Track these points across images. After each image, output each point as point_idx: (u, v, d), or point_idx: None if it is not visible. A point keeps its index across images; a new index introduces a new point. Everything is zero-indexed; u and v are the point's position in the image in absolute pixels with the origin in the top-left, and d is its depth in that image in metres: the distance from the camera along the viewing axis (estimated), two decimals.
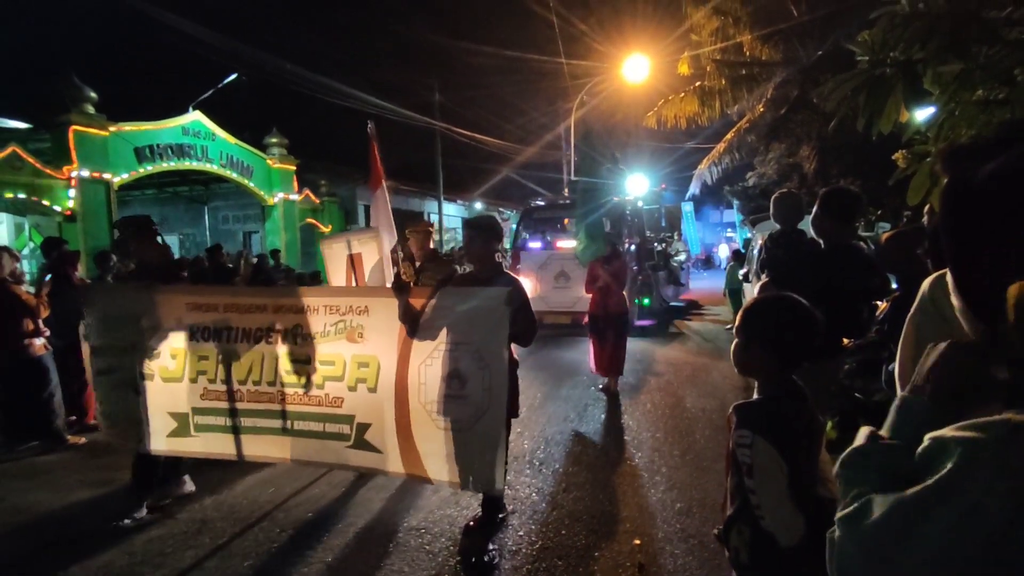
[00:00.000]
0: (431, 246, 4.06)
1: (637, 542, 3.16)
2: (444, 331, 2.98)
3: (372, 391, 3.12)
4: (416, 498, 3.81)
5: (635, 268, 10.38)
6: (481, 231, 3.31)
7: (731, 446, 1.64)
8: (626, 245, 10.47)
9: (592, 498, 3.75)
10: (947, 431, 0.65)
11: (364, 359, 3.15)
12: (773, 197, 3.66)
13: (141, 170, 11.59)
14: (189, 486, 3.87)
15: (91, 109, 10.43)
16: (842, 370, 3.43)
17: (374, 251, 4.65)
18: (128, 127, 11.24)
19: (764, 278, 3.36)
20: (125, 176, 11.23)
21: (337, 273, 4.56)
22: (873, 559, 0.67)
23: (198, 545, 3.27)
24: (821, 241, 3.13)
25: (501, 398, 2.87)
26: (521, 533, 3.32)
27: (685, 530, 3.27)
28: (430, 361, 3.01)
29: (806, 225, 3.37)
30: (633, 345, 8.34)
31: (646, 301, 10.83)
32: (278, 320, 3.30)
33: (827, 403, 3.13)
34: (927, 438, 0.67)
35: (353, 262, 4.57)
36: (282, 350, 3.29)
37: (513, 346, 3.06)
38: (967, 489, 0.61)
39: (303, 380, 3.25)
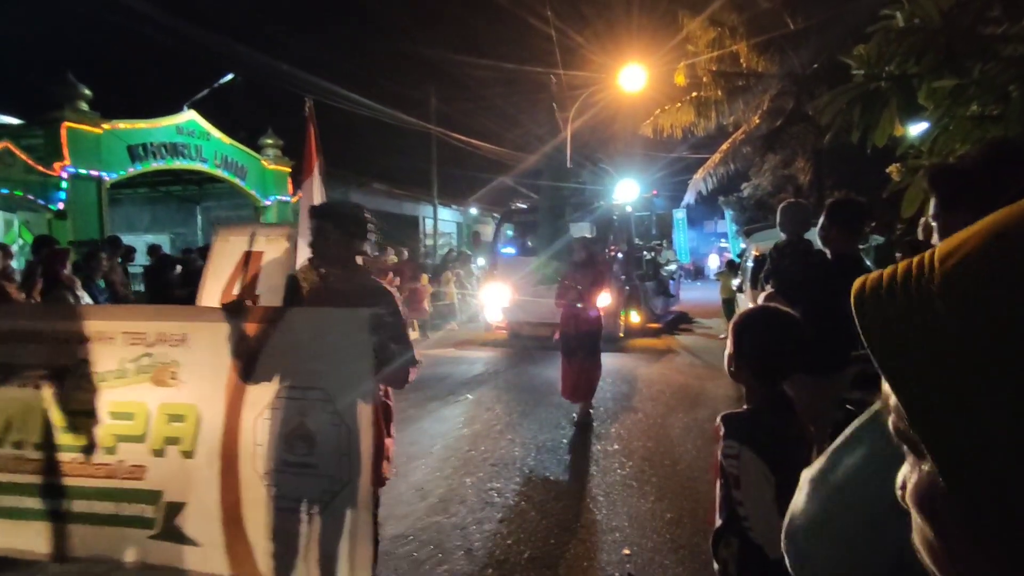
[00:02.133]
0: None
1: (627, 552, 3.13)
2: (286, 370, 2.16)
3: (188, 455, 2.21)
4: (402, 505, 3.76)
5: (622, 278, 10.01)
6: (335, 221, 2.36)
7: (719, 457, 1.63)
8: (612, 253, 10.11)
9: (582, 507, 3.72)
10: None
11: (178, 410, 2.26)
12: (781, 206, 3.62)
13: (134, 169, 11.51)
14: None
15: (85, 106, 10.36)
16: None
17: (281, 252, 3.37)
18: (122, 125, 11.16)
19: (768, 289, 3.25)
20: (118, 174, 11.15)
21: (219, 272, 3.33)
22: None
23: None
24: (827, 251, 3.07)
25: (362, 467, 2.05)
26: (510, 542, 3.28)
27: (675, 540, 3.25)
28: (269, 414, 2.16)
29: (811, 235, 3.32)
30: (619, 362, 8.15)
31: (633, 314, 10.34)
32: (54, 353, 2.34)
33: (836, 419, 3.08)
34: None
35: (248, 260, 3.46)
36: (57, 398, 2.32)
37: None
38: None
39: (86, 441, 2.29)
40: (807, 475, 0.79)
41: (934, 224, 1.51)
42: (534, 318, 9.04)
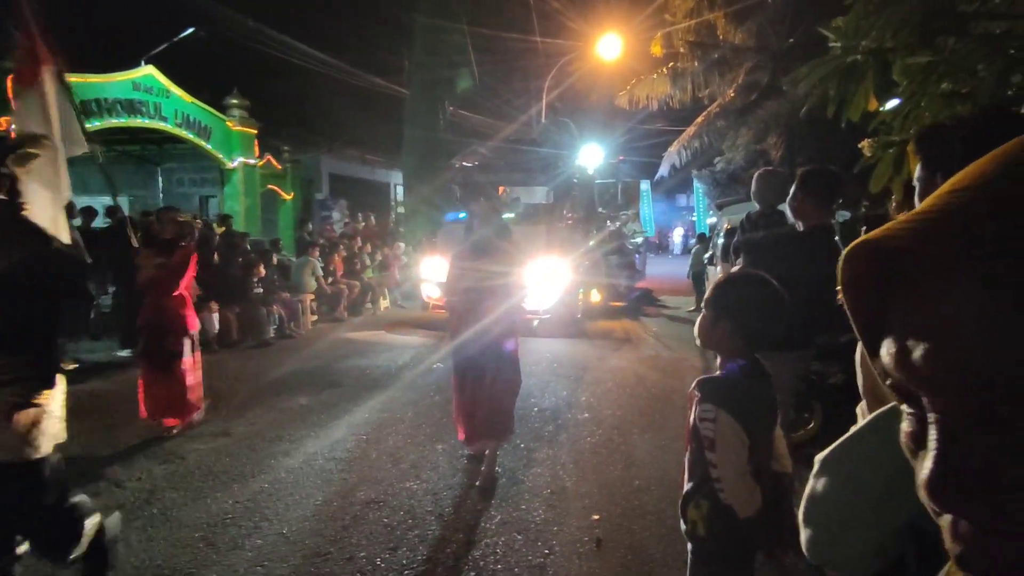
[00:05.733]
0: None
1: (596, 517, 3.20)
2: None
3: None
4: (375, 471, 3.77)
5: (580, 251, 8.85)
6: None
7: (692, 420, 1.65)
8: (567, 222, 9.00)
9: (552, 474, 3.78)
10: None
11: None
12: (757, 174, 3.51)
13: (88, 126, 10.95)
14: None
15: None
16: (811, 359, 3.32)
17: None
18: (73, 78, 10.53)
19: (739, 263, 3.14)
20: None
21: None
22: None
23: (146, 516, 3.17)
24: (799, 223, 2.98)
25: None
26: (480, 507, 3.32)
27: (643, 506, 3.33)
28: None
29: (786, 207, 3.24)
30: (579, 348, 7.52)
31: (594, 292, 9.32)
32: None
33: (798, 390, 3.10)
34: None
35: None
36: None
37: None
38: None
39: None
40: (820, 457, 0.77)
41: (916, 185, 1.52)
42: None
